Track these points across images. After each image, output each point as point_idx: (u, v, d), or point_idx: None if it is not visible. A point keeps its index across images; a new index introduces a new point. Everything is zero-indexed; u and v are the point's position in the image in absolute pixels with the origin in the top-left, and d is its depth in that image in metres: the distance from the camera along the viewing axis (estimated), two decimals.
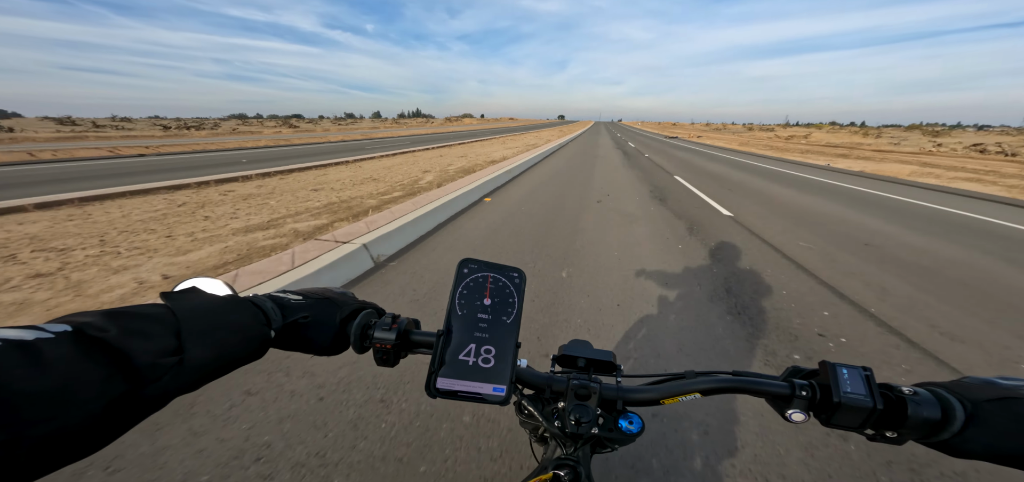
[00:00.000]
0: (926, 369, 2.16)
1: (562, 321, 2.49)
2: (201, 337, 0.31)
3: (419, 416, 1.63)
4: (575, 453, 0.53)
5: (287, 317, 0.41)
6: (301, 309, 0.43)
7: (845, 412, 0.40)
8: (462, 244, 4.04)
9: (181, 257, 3.25)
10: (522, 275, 0.49)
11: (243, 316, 0.35)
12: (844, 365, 0.42)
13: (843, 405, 0.40)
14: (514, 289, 0.47)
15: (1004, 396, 0.36)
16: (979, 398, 0.37)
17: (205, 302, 0.33)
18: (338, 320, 0.46)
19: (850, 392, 0.40)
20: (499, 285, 0.47)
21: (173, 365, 0.28)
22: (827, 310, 2.76)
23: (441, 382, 0.41)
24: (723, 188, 8.17)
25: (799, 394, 0.43)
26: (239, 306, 0.36)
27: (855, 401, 0.40)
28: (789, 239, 4.52)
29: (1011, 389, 0.36)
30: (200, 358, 0.30)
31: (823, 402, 0.42)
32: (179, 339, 0.29)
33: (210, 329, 0.32)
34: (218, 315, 0.33)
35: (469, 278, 0.47)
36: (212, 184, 6.76)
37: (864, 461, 1.50)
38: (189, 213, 4.71)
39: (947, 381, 0.41)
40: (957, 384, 0.39)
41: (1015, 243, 4.79)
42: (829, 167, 13.73)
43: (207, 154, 14.22)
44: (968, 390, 0.38)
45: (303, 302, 0.44)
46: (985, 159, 17.51)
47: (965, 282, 3.43)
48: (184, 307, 0.31)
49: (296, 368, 1.88)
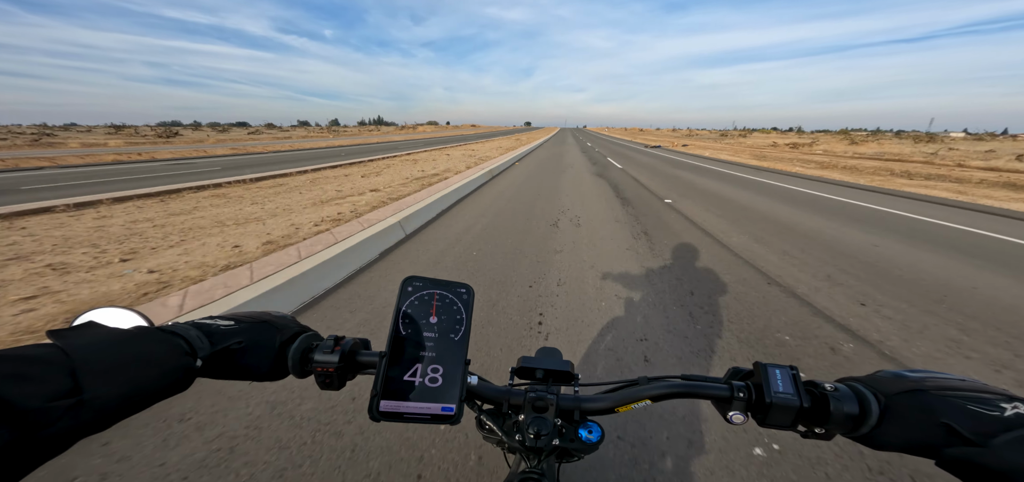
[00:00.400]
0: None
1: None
2: (104, 375, 0.29)
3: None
4: (539, 465, 0.54)
5: (216, 344, 0.39)
6: (232, 335, 0.41)
7: (777, 411, 0.41)
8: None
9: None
10: (470, 291, 0.47)
11: (157, 347, 0.34)
12: (775, 365, 0.44)
13: (775, 404, 0.41)
14: (462, 306, 0.46)
15: (912, 388, 0.37)
16: (891, 391, 0.38)
17: (106, 336, 0.31)
18: (277, 344, 0.44)
19: (780, 391, 0.42)
20: (446, 302, 0.46)
21: (70, 407, 0.27)
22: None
23: (384, 405, 0.40)
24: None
25: (737, 396, 0.44)
26: (151, 337, 0.34)
27: (785, 400, 0.41)
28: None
29: (917, 381, 0.38)
30: (105, 397, 0.28)
31: (758, 402, 0.43)
32: (75, 379, 0.27)
33: (115, 365, 0.30)
34: (124, 348, 0.31)
35: (413, 296, 0.45)
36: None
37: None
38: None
39: (864, 376, 0.42)
40: (872, 378, 0.41)
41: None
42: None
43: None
44: (881, 384, 0.40)
45: (235, 327, 0.42)
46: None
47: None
48: (78, 344, 0.29)
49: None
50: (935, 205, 7.43)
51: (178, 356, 0.34)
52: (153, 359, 0.32)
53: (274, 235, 3.94)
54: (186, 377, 0.35)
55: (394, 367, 0.41)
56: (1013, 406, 0.32)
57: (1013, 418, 0.31)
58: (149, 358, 0.32)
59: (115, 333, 0.32)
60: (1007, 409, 0.32)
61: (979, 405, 0.33)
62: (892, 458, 1.50)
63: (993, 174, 12.72)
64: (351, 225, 4.26)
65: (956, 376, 0.38)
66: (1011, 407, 0.32)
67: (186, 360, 0.35)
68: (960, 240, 4.93)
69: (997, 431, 0.31)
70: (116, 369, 0.29)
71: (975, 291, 3.26)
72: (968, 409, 0.33)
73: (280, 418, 1.64)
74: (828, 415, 0.39)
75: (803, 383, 0.42)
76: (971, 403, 0.34)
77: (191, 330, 0.38)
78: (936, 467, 0.33)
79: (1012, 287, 3.37)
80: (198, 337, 0.37)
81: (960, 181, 11.33)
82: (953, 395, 0.35)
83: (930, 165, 15.87)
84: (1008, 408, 0.32)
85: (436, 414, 0.40)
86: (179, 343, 0.35)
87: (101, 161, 14.49)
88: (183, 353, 0.35)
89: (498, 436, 0.53)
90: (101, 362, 0.29)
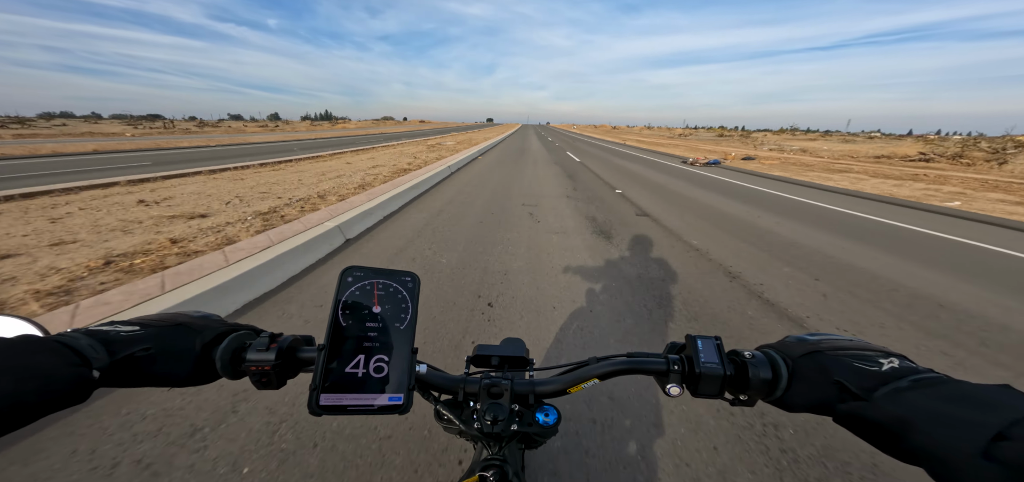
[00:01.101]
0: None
1: None
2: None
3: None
4: (501, 452, 0.54)
5: (116, 353, 0.37)
6: (136, 342, 0.38)
7: (705, 381, 0.43)
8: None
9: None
10: (415, 279, 0.46)
11: (43, 359, 0.32)
12: (701, 336, 0.46)
13: (703, 375, 0.43)
14: (407, 294, 0.45)
15: (811, 350, 0.39)
16: (795, 354, 0.40)
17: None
18: (198, 346, 0.41)
19: (706, 361, 0.43)
20: (389, 291, 0.45)
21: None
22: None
23: (325, 398, 0.39)
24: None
25: (673, 369, 0.45)
26: (37, 348, 0.32)
27: (711, 369, 0.43)
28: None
29: (815, 343, 0.40)
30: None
31: (690, 374, 0.45)
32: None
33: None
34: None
35: (354, 287, 0.44)
36: None
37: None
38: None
39: (776, 342, 0.44)
40: (782, 343, 0.43)
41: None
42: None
43: None
44: (788, 348, 0.42)
45: (139, 333, 0.39)
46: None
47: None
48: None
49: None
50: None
51: (68, 367, 0.33)
52: (35, 372, 0.31)
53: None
54: (80, 388, 0.33)
55: (334, 360, 0.40)
56: (889, 361, 0.35)
57: (888, 372, 0.34)
58: (29, 371, 0.30)
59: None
60: (884, 364, 0.35)
61: (863, 362, 0.36)
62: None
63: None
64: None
65: (846, 337, 0.41)
66: (887, 362, 0.35)
67: (79, 370, 0.33)
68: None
69: (877, 385, 0.34)
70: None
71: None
72: (854, 366, 0.36)
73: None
74: (748, 381, 0.41)
75: (726, 353, 0.44)
76: (857, 361, 0.36)
77: (82, 339, 0.35)
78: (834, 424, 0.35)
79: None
80: (91, 346, 0.35)
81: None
82: (843, 354, 0.37)
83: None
84: (885, 363, 0.35)
85: (383, 405, 0.39)
86: (69, 354, 0.33)
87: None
88: (73, 364, 0.33)
89: (457, 426, 0.52)
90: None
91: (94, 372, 0.34)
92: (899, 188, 9.73)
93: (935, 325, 2.74)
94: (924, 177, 12.21)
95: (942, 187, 10.01)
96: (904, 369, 0.34)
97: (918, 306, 3.04)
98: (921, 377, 0.33)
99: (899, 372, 0.34)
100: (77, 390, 0.33)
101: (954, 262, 4.20)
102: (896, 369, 0.34)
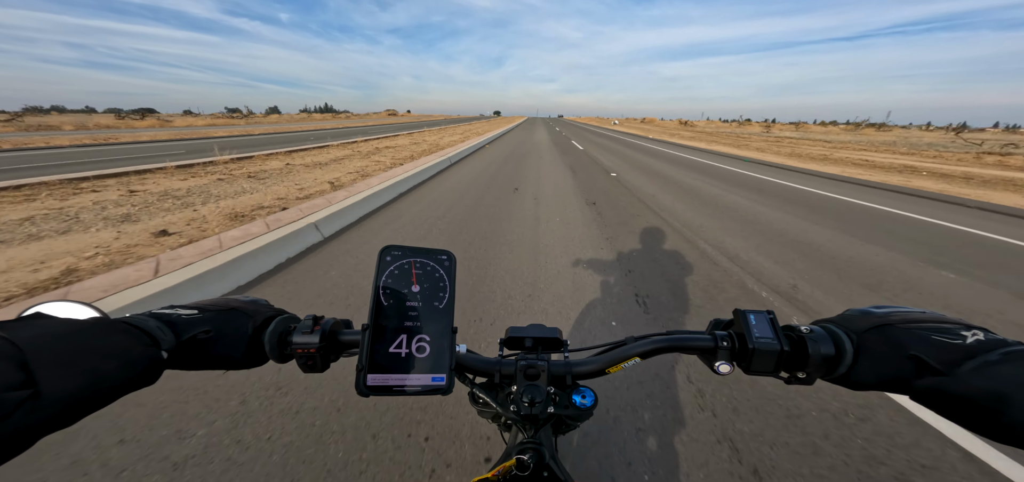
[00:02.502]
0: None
1: None
2: (61, 367, 0.27)
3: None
4: (536, 435, 0.54)
5: (181, 334, 0.38)
6: (198, 324, 0.40)
7: (759, 357, 0.41)
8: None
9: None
10: (452, 258, 0.45)
11: (119, 339, 0.32)
12: (752, 311, 0.44)
13: (757, 350, 0.41)
14: (444, 272, 0.44)
15: (879, 324, 0.37)
16: (860, 328, 0.38)
17: (60, 327, 0.29)
18: (251, 329, 0.42)
19: (760, 337, 0.42)
20: (427, 269, 0.44)
21: (23, 399, 0.25)
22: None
23: (372, 379, 0.39)
24: None
25: (721, 346, 0.44)
26: (112, 328, 0.32)
27: (766, 345, 0.41)
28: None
29: (884, 316, 0.38)
30: (63, 390, 0.26)
31: (741, 350, 0.43)
32: (27, 371, 0.25)
33: (72, 357, 0.28)
34: (80, 339, 0.29)
35: (393, 266, 0.43)
36: None
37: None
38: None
39: (834, 316, 0.42)
40: (842, 318, 0.41)
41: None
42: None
43: None
44: (851, 322, 0.40)
45: (199, 317, 0.40)
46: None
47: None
48: (27, 334, 0.27)
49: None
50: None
51: (141, 347, 0.33)
52: (113, 351, 0.31)
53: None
54: (152, 369, 0.34)
55: (379, 341, 0.40)
56: (973, 334, 0.33)
57: (975, 345, 0.32)
58: (108, 350, 0.30)
59: (69, 324, 0.30)
60: (968, 337, 0.33)
61: (942, 335, 0.34)
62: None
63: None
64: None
65: (917, 310, 0.38)
66: (971, 335, 0.33)
67: (151, 351, 0.34)
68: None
69: (961, 360, 0.32)
70: (73, 361, 0.28)
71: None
72: (933, 340, 0.34)
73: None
74: (806, 358, 0.39)
75: (781, 328, 0.42)
76: (935, 334, 0.34)
77: (150, 321, 0.37)
78: (911, 400, 0.34)
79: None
80: (159, 328, 0.36)
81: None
82: (917, 327, 0.35)
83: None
84: (969, 336, 0.33)
85: (427, 385, 0.39)
86: (141, 335, 0.34)
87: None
88: (146, 344, 0.34)
89: (493, 409, 0.52)
90: (56, 354, 0.27)
91: (163, 353, 0.35)
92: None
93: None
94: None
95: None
96: (991, 342, 0.32)
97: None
98: (1012, 350, 0.31)
99: (986, 345, 0.32)
100: (150, 370, 0.34)
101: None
102: (982, 342, 0.32)
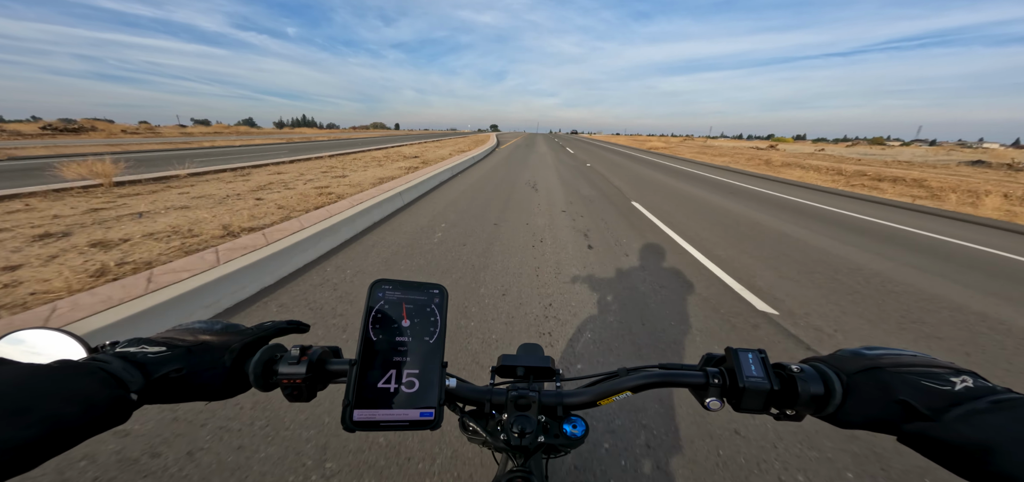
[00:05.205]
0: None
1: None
2: (15, 416, 0.26)
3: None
4: (526, 464, 0.54)
5: (152, 374, 0.37)
6: (168, 362, 0.38)
7: (750, 396, 0.41)
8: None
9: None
10: (443, 292, 0.45)
11: (83, 382, 0.31)
12: (746, 349, 0.44)
13: (747, 389, 0.41)
14: (435, 307, 0.44)
15: (869, 366, 0.38)
16: (851, 370, 0.39)
17: (18, 373, 0.29)
18: (228, 362, 0.41)
19: (751, 375, 0.42)
20: (418, 304, 0.44)
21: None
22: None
23: (358, 414, 0.38)
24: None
25: (712, 382, 0.44)
26: (76, 370, 0.32)
27: (756, 384, 0.41)
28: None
29: (874, 358, 0.38)
30: (16, 438, 0.26)
31: (732, 387, 0.43)
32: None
33: (28, 403, 0.28)
34: (40, 384, 0.29)
35: (383, 300, 0.43)
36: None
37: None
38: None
39: (826, 356, 0.43)
40: (833, 357, 0.42)
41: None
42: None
43: None
44: (842, 362, 0.40)
45: (167, 354, 0.39)
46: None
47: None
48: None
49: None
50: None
51: (107, 390, 0.32)
52: (74, 395, 0.30)
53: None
54: (120, 410, 0.33)
55: (367, 374, 0.40)
56: (961, 380, 0.33)
57: (963, 392, 0.33)
58: (70, 394, 0.30)
59: (29, 369, 0.30)
60: (957, 383, 0.33)
61: (931, 380, 0.34)
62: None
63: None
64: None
65: (908, 352, 0.39)
66: (960, 381, 0.33)
67: (117, 393, 0.33)
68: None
69: (949, 406, 0.32)
70: (28, 408, 0.27)
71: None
72: (922, 385, 0.34)
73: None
74: (796, 396, 0.39)
75: (771, 366, 0.43)
76: (924, 379, 0.34)
77: (115, 363, 0.35)
78: (897, 443, 0.34)
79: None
80: (126, 369, 0.35)
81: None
82: (907, 371, 0.36)
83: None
84: (958, 382, 0.33)
85: (414, 420, 0.39)
86: (104, 377, 0.33)
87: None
88: (112, 387, 0.33)
89: (482, 437, 0.52)
90: (10, 401, 0.27)
91: (132, 395, 0.34)
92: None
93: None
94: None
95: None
96: (980, 389, 0.33)
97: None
98: (1001, 398, 0.31)
99: (974, 392, 0.32)
100: (117, 412, 0.33)
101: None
102: (971, 388, 0.33)
